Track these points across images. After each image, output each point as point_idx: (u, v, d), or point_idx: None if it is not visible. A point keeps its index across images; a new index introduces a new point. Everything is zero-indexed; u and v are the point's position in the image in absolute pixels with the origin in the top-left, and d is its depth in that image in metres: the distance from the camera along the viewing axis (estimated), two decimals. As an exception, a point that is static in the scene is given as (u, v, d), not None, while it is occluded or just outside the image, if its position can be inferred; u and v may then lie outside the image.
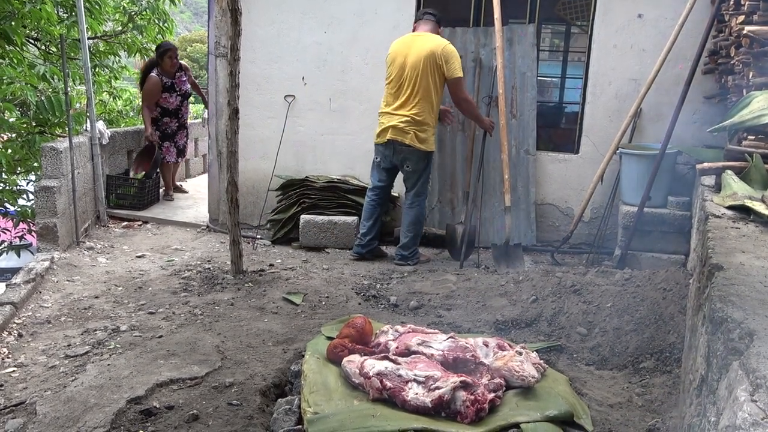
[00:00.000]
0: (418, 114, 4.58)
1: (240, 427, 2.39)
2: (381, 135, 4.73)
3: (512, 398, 2.41)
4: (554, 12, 5.84)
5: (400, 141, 4.63)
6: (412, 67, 4.55)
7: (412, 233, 4.80)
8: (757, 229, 2.48)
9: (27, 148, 6.45)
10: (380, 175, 4.86)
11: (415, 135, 4.60)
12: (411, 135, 4.60)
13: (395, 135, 4.63)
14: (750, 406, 1.25)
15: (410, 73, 4.56)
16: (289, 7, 5.52)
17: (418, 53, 4.55)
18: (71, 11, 6.78)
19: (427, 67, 4.52)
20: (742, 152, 3.31)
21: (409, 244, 4.81)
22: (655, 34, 4.99)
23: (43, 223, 4.73)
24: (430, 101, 4.60)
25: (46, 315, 3.65)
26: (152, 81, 6.50)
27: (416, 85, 4.55)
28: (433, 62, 4.53)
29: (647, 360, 2.96)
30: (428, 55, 4.52)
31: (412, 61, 4.55)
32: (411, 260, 4.81)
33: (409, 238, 4.81)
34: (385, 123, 4.68)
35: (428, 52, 4.53)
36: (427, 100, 4.58)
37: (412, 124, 4.59)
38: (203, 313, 3.63)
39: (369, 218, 4.87)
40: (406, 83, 4.59)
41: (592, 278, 3.77)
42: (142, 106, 6.56)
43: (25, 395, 2.69)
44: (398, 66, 4.61)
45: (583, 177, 5.23)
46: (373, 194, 4.88)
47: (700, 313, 2.05)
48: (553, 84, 8.35)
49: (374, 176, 4.89)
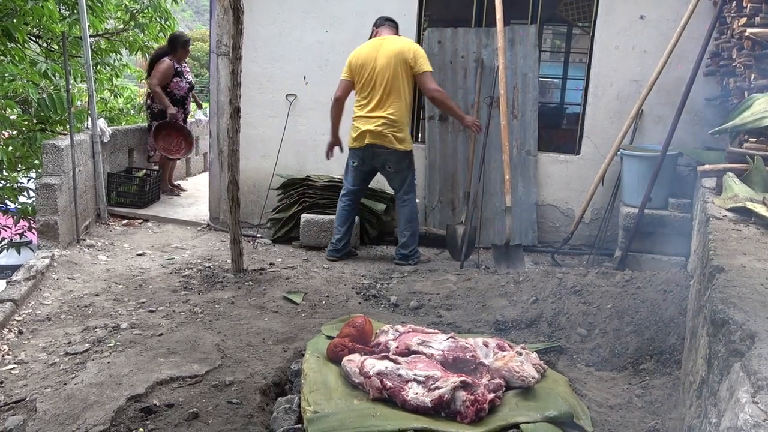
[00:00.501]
0: (393, 113, 4.60)
1: (240, 426, 2.39)
2: (358, 139, 4.71)
3: (512, 399, 2.42)
4: (556, 13, 5.85)
5: (379, 144, 4.64)
6: (382, 69, 4.58)
7: (409, 231, 4.81)
8: (759, 231, 2.47)
9: (28, 145, 6.44)
10: (356, 179, 4.84)
11: (393, 137, 4.62)
12: (389, 138, 4.61)
13: (374, 139, 4.63)
14: (751, 407, 1.25)
15: (380, 74, 4.58)
16: (291, 6, 5.52)
17: (386, 54, 4.59)
18: (73, 9, 6.78)
19: (397, 66, 4.56)
20: (743, 154, 3.31)
21: (409, 242, 4.82)
22: (657, 35, 4.99)
23: (44, 220, 4.73)
24: (404, 100, 4.63)
25: (47, 312, 3.65)
26: (166, 63, 6.63)
27: (388, 85, 4.57)
28: (403, 61, 4.57)
29: (647, 361, 2.96)
30: (397, 55, 4.57)
31: (382, 63, 4.58)
32: (412, 259, 4.81)
33: (408, 236, 4.81)
34: (361, 127, 4.67)
35: (397, 52, 4.58)
36: (400, 99, 4.61)
37: (388, 125, 4.60)
38: (203, 311, 3.63)
39: (344, 223, 4.87)
40: (378, 85, 4.60)
41: (592, 279, 3.77)
42: (154, 86, 6.58)
43: (25, 392, 2.69)
44: (368, 69, 4.63)
45: (584, 178, 5.24)
46: (348, 199, 4.87)
47: (701, 314, 2.05)
48: (555, 85, 8.37)
49: (349, 180, 4.88)
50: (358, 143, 4.72)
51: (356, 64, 4.69)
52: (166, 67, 6.62)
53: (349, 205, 4.87)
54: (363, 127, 4.66)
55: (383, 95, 4.60)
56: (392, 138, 4.62)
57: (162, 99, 6.60)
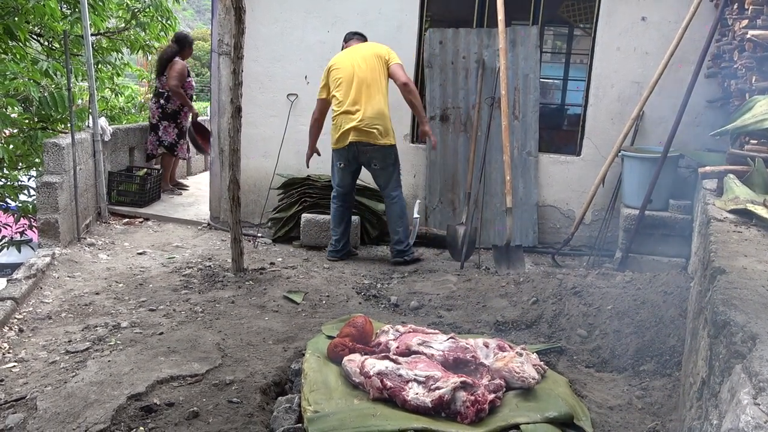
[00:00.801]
0: (375, 105, 4.61)
1: (240, 425, 2.39)
2: (341, 139, 4.69)
3: (512, 399, 2.42)
4: (558, 14, 5.85)
5: (364, 142, 4.62)
6: (360, 64, 4.65)
7: (401, 227, 4.82)
8: (759, 233, 2.48)
9: (29, 143, 6.45)
10: (344, 180, 4.83)
11: (377, 132, 4.61)
12: (374, 133, 4.60)
13: (358, 137, 4.62)
14: (753, 409, 1.25)
15: (360, 69, 4.64)
16: (293, 5, 5.52)
17: (363, 55, 4.71)
18: (75, 7, 6.79)
19: (375, 62, 4.67)
20: (744, 156, 3.31)
21: (402, 238, 4.83)
22: (659, 37, 4.99)
23: (45, 218, 4.73)
24: (383, 94, 4.68)
25: (47, 311, 3.65)
26: (180, 63, 6.71)
27: (368, 78, 4.62)
28: (378, 56, 4.70)
29: (647, 363, 2.96)
30: (374, 54, 4.71)
31: (359, 61, 4.66)
32: (407, 254, 4.82)
33: (400, 232, 4.82)
34: (344, 126, 4.65)
35: (374, 52, 4.73)
36: (380, 93, 4.64)
37: (375, 117, 4.60)
38: (204, 310, 3.63)
39: (339, 224, 4.88)
40: (359, 80, 4.62)
41: (592, 280, 3.77)
42: (177, 87, 6.62)
43: (25, 390, 2.69)
44: (347, 69, 4.67)
45: (585, 179, 5.24)
46: (339, 200, 4.87)
47: (702, 316, 2.05)
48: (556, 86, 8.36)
49: (336, 181, 4.88)
50: (341, 144, 4.70)
51: (334, 69, 4.75)
52: (181, 68, 6.67)
53: (341, 206, 4.87)
54: (345, 126, 4.64)
55: (364, 88, 4.61)
56: (377, 133, 4.60)
57: (185, 99, 6.74)
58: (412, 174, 5.60)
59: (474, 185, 5.22)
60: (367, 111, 4.59)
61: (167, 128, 6.82)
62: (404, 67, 4.75)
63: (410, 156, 5.56)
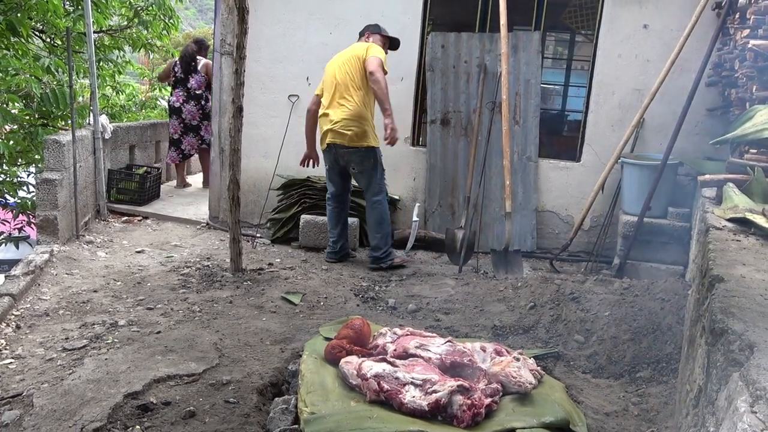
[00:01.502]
0: (351, 105, 4.57)
1: (236, 425, 2.39)
2: (322, 141, 4.73)
3: (509, 404, 2.42)
4: (560, 20, 5.86)
5: (339, 144, 4.62)
6: (341, 69, 4.63)
7: (379, 233, 4.75)
8: (758, 242, 2.48)
9: (29, 140, 6.43)
10: (334, 182, 4.83)
11: (353, 134, 4.57)
12: (349, 135, 4.57)
13: (333, 138, 4.62)
14: (750, 417, 1.25)
15: (339, 73, 4.62)
16: (296, 6, 5.53)
17: (346, 57, 4.69)
18: (78, 4, 6.79)
19: (353, 63, 4.60)
20: (743, 165, 3.32)
21: (380, 244, 4.75)
22: (660, 45, 5.00)
23: (44, 215, 4.73)
24: (361, 96, 4.58)
25: (45, 308, 3.65)
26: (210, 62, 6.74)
27: (346, 80, 4.58)
28: (357, 58, 4.61)
29: (644, 369, 2.96)
30: (353, 55, 4.65)
31: (340, 65, 4.66)
32: (384, 261, 4.74)
33: (378, 239, 4.75)
34: (324, 127, 4.69)
35: (354, 53, 4.67)
36: (356, 92, 4.56)
37: (348, 119, 4.56)
38: (201, 310, 3.63)
39: (336, 225, 4.88)
40: (336, 83, 4.62)
41: (590, 286, 3.78)
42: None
43: (22, 387, 2.69)
44: (330, 73, 4.69)
45: (584, 185, 5.24)
46: (332, 202, 4.87)
47: (699, 324, 2.05)
48: (557, 92, 8.38)
49: (328, 183, 4.90)
50: (323, 145, 4.74)
51: (325, 70, 4.78)
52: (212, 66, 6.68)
53: (336, 207, 4.87)
54: (324, 127, 4.69)
55: (341, 90, 4.60)
56: (351, 135, 4.56)
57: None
58: (412, 177, 5.61)
59: (473, 189, 5.23)
60: (339, 113, 4.58)
61: (207, 127, 6.90)
62: (384, 61, 4.59)
63: (410, 159, 5.57)
